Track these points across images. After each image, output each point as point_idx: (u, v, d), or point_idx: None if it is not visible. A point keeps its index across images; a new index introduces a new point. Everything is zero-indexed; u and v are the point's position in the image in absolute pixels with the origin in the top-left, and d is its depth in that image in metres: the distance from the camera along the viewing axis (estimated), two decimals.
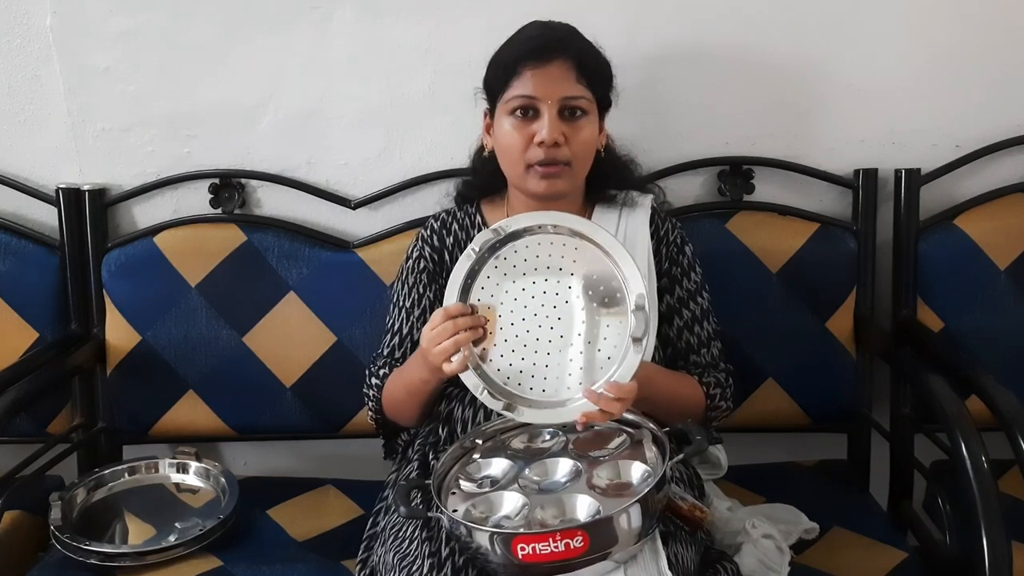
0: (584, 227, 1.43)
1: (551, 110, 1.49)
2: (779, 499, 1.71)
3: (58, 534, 1.62)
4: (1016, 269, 1.87)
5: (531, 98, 1.50)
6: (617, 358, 1.39)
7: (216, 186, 1.96)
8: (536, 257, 1.44)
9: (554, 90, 1.49)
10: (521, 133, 1.51)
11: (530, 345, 1.42)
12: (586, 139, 1.53)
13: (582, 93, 1.51)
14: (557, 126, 1.49)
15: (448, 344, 1.39)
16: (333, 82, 1.93)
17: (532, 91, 1.50)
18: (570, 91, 1.50)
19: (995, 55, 1.93)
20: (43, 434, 1.91)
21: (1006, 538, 1.37)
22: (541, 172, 1.51)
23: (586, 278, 1.42)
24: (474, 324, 1.42)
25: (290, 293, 1.90)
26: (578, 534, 1.20)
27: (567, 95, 1.50)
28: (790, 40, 1.92)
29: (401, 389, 1.57)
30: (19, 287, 1.91)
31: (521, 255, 1.44)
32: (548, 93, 1.49)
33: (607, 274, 1.41)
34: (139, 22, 1.90)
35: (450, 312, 1.42)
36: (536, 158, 1.50)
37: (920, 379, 1.71)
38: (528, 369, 1.42)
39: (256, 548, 1.67)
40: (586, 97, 1.52)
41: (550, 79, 1.50)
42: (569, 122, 1.51)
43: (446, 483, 1.39)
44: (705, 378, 1.59)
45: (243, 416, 1.92)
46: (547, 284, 1.43)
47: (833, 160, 1.96)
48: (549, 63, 1.50)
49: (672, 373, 1.58)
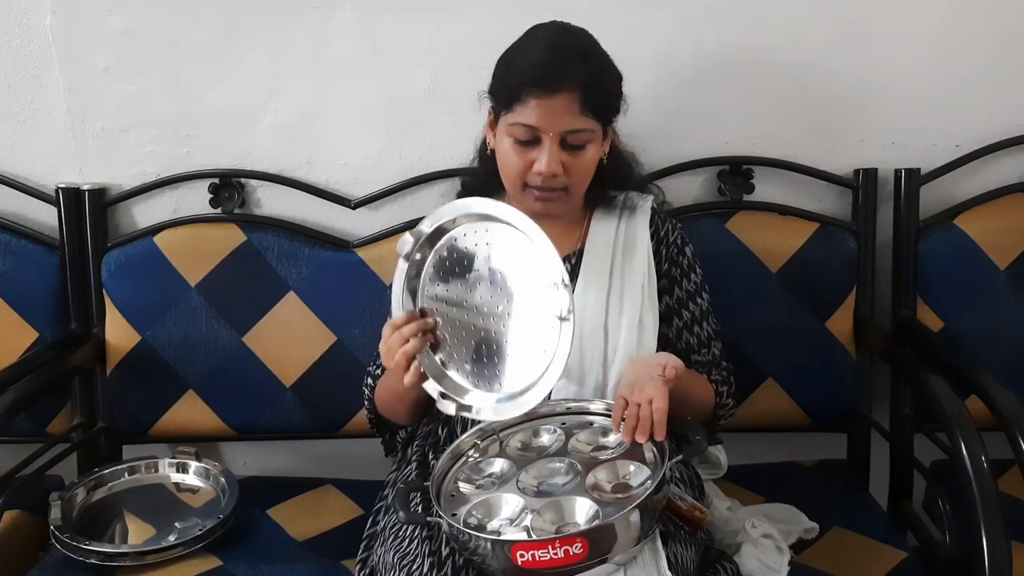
0: (497, 210, 1.40)
1: (552, 143, 1.47)
2: (779, 499, 1.71)
3: (58, 534, 1.62)
4: (1016, 269, 1.87)
5: (534, 128, 1.47)
6: (553, 341, 1.37)
7: (216, 186, 1.96)
8: (466, 250, 1.42)
9: (557, 123, 1.46)
10: (521, 158, 1.49)
11: (481, 340, 1.41)
12: (586, 165, 1.52)
13: (585, 125, 1.48)
14: (556, 158, 1.47)
15: (400, 358, 1.39)
16: (333, 82, 1.93)
17: (535, 122, 1.46)
18: (573, 124, 1.47)
19: (995, 55, 1.93)
20: (43, 434, 1.91)
21: (1006, 538, 1.37)
22: (537, 195, 1.51)
23: (514, 262, 1.40)
24: (421, 329, 1.41)
25: (290, 293, 1.90)
26: (577, 541, 1.20)
27: (570, 129, 1.47)
28: (790, 40, 1.92)
29: (388, 393, 1.57)
30: (19, 287, 1.91)
31: (453, 251, 1.43)
32: (550, 125, 1.46)
33: (529, 255, 1.38)
34: (139, 22, 1.91)
35: (395, 324, 1.42)
36: (534, 183, 1.50)
37: (920, 379, 1.71)
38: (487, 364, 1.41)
39: (256, 548, 1.67)
40: (589, 128, 1.49)
41: (553, 111, 1.46)
42: (570, 151, 1.49)
43: (445, 485, 1.39)
44: (713, 376, 1.59)
45: (243, 416, 1.92)
46: (484, 276, 1.41)
47: (833, 160, 1.96)
48: (555, 94, 1.45)
49: (692, 372, 1.56)
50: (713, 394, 1.58)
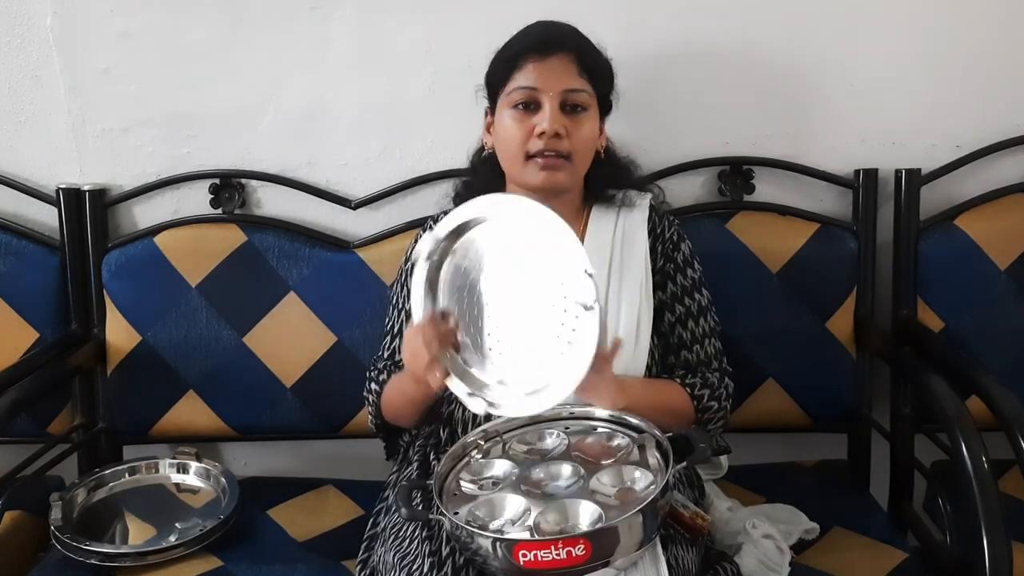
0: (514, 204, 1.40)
1: (552, 102, 1.50)
2: (779, 499, 1.71)
3: (58, 534, 1.62)
4: (1016, 269, 1.87)
5: (533, 90, 1.51)
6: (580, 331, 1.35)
7: (216, 186, 1.96)
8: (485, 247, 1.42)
9: (556, 82, 1.50)
10: (522, 125, 1.51)
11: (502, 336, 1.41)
12: (586, 133, 1.53)
13: (583, 87, 1.52)
14: (558, 117, 1.50)
15: (424, 356, 1.38)
16: (333, 82, 1.93)
17: (534, 83, 1.51)
18: (572, 84, 1.51)
19: (995, 55, 1.93)
20: (43, 434, 1.91)
21: (1006, 538, 1.37)
22: (541, 163, 1.51)
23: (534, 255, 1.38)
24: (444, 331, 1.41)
25: (290, 293, 1.90)
26: (580, 542, 1.20)
27: (569, 87, 1.51)
28: (790, 40, 1.92)
29: (398, 397, 1.57)
30: (19, 287, 1.91)
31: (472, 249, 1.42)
32: (550, 85, 1.50)
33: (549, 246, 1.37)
34: (139, 22, 1.91)
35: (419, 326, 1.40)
36: (536, 149, 1.51)
37: (920, 379, 1.71)
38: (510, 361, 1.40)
39: (256, 548, 1.67)
40: (587, 91, 1.53)
41: (552, 71, 1.51)
42: (570, 116, 1.52)
43: (447, 484, 1.39)
44: (688, 380, 1.55)
45: (243, 416, 1.92)
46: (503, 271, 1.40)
47: (833, 160, 1.96)
48: (551, 56, 1.51)
49: (648, 380, 1.55)
50: (689, 399, 1.54)
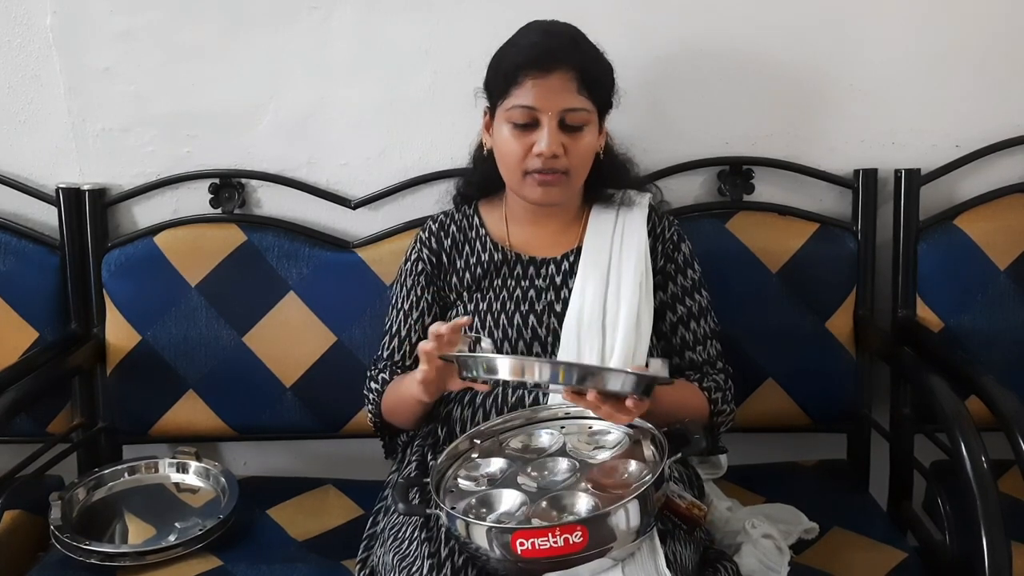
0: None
1: (551, 121, 1.48)
2: (779, 499, 1.71)
3: (58, 534, 1.62)
4: (1016, 269, 1.87)
5: (532, 109, 1.49)
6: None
7: (216, 186, 1.96)
8: None
9: (555, 102, 1.48)
10: (520, 142, 1.50)
11: None
12: (585, 148, 1.52)
13: (583, 104, 1.50)
14: (556, 138, 1.48)
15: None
16: (333, 82, 1.93)
17: (533, 102, 1.48)
18: (571, 103, 1.49)
19: (995, 55, 1.93)
20: (43, 434, 1.91)
21: (1006, 538, 1.37)
22: (538, 180, 1.51)
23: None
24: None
25: (290, 293, 1.90)
26: (577, 529, 1.20)
27: (568, 107, 1.49)
28: (790, 40, 1.92)
29: (398, 399, 1.57)
30: (19, 287, 1.91)
31: None
32: (549, 105, 1.48)
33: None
34: (139, 22, 1.91)
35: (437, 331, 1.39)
36: (534, 167, 1.50)
37: (920, 379, 1.71)
38: None
39: (256, 548, 1.67)
40: (587, 108, 1.50)
41: (551, 90, 1.48)
42: (569, 133, 1.50)
43: (444, 481, 1.39)
44: (705, 383, 1.58)
45: (243, 416, 1.92)
46: None
47: (833, 160, 1.96)
48: (550, 73, 1.48)
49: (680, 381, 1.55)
50: (707, 402, 1.57)
